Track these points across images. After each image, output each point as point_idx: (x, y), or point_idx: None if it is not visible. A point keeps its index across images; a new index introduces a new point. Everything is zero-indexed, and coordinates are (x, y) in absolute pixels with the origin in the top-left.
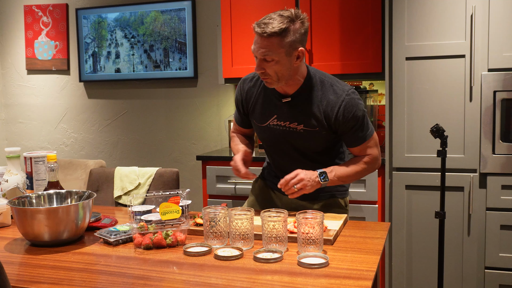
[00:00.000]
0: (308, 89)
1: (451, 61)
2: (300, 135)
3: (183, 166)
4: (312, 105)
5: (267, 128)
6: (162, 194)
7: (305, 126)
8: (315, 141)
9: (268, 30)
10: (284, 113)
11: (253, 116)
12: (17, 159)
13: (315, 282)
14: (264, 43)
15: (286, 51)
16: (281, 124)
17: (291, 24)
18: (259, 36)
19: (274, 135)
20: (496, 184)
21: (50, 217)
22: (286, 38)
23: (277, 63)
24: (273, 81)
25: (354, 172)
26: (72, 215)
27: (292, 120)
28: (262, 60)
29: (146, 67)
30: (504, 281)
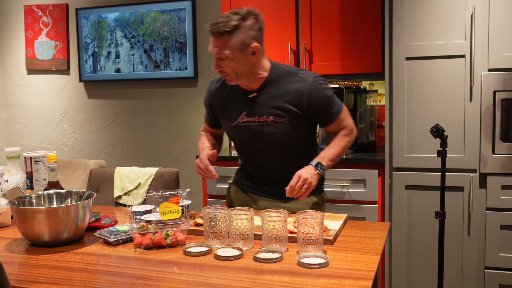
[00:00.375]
0: (273, 81)
1: (451, 61)
2: (271, 127)
3: (183, 166)
4: (279, 96)
5: (238, 126)
6: (162, 194)
7: (275, 117)
8: (286, 131)
9: (219, 29)
10: (252, 109)
11: (223, 117)
12: (17, 159)
13: (315, 282)
14: (217, 42)
15: (239, 48)
16: (251, 120)
17: (242, 22)
18: (213, 36)
19: (246, 132)
20: (496, 184)
21: (50, 217)
22: (238, 36)
23: (232, 60)
24: (233, 78)
25: (340, 149)
26: (72, 215)
27: (261, 114)
28: (218, 58)
29: (146, 67)
30: (504, 281)
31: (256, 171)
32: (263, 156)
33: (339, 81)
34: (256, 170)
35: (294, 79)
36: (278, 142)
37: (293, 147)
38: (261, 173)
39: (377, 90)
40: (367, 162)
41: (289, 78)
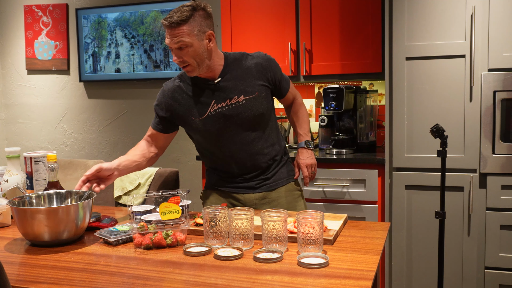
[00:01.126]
0: (232, 65)
1: (451, 61)
2: (244, 106)
3: (183, 166)
4: (243, 75)
5: (210, 117)
6: (162, 194)
7: (246, 95)
8: (259, 105)
9: (175, 19)
10: (220, 94)
11: (190, 114)
12: (17, 159)
13: (315, 282)
14: (175, 32)
15: (197, 36)
16: (222, 105)
17: (194, 12)
18: (169, 28)
19: (219, 120)
20: (496, 184)
21: (50, 217)
22: (193, 24)
23: (191, 47)
24: (194, 67)
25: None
26: (72, 215)
27: (231, 96)
28: (177, 49)
29: (146, 67)
30: (504, 281)
31: (233, 165)
32: (240, 141)
33: (339, 81)
34: (233, 163)
35: (249, 58)
36: (253, 119)
37: (266, 122)
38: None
39: (377, 90)
40: (367, 162)
41: (244, 59)
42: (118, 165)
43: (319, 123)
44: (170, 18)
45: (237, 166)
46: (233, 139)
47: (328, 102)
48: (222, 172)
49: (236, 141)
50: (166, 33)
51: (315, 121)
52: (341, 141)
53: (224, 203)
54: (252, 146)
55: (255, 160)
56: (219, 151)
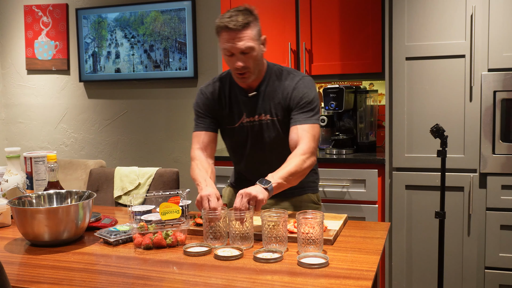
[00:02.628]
0: (269, 80)
1: (451, 61)
2: (268, 126)
3: (183, 166)
4: (274, 94)
5: (240, 127)
6: (162, 194)
7: (270, 115)
8: (281, 130)
9: (241, 22)
10: (252, 108)
11: (224, 120)
12: (17, 159)
13: (315, 282)
14: (240, 36)
15: (258, 39)
16: (251, 120)
17: (250, 16)
18: (233, 31)
19: (248, 132)
20: (496, 184)
21: (50, 217)
22: (254, 27)
23: (255, 53)
24: (251, 73)
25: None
26: (72, 215)
27: (260, 113)
28: (241, 54)
29: (146, 67)
30: (504, 281)
31: (253, 173)
32: (261, 156)
33: (339, 81)
34: (253, 172)
35: (286, 78)
36: (275, 141)
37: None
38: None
39: (377, 90)
40: (367, 162)
41: (282, 77)
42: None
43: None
44: (232, 21)
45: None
46: (256, 153)
47: (328, 102)
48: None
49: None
50: (225, 37)
51: None
52: (341, 141)
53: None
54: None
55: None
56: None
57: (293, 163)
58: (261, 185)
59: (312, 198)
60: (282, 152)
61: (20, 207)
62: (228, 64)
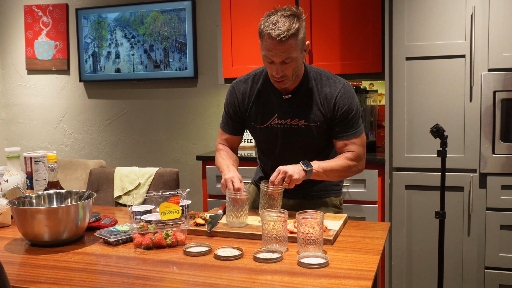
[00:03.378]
0: (307, 84)
1: (451, 61)
2: (301, 131)
3: (183, 166)
4: (312, 99)
5: (268, 128)
6: (162, 194)
7: (306, 121)
8: (316, 136)
9: (286, 33)
10: (285, 111)
11: (251, 119)
12: (17, 159)
13: (315, 282)
14: (284, 47)
15: (301, 48)
16: (282, 123)
17: (298, 21)
18: (276, 41)
19: (275, 135)
20: (496, 184)
21: (50, 217)
22: (299, 36)
23: (295, 61)
24: (289, 80)
25: (338, 166)
26: (72, 215)
27: (293, 117)
28: (281, 63)
29: (146, 67)
30: (504, 281)
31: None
32: (288, 160)
33: None
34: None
35: (325, 84)
36: (307, 146)
37: (320, 151)
38: None
39: (377, 90)
40: (367, 162)
41: (320, 82)
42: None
43: None
44: (279, 30)
45: None
46: (283, 156)
47: None
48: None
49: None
50: (265, 43)
51: None
52: None
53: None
54: None
55: None
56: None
57: (339, 162)
58: (302, 166)
59: (334, 202)
60: (312, 157)
61: (20, 207)
62: (266, 68)
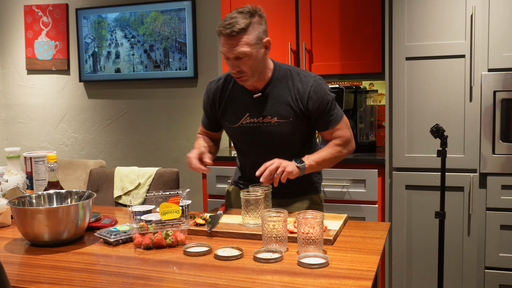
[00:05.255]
0: (277, 81)
1: (451, 61)
2: (275, 128)
3: (183, 166)
4: (283, 96)
5: (240, 127)
6: (162, 194)
7: (279, 118)
8: (290, 131)
9: (235, 28)
10: (256, 109)
11: (224, 118)
12: (17, 159)
13: (315, 282)
14: (234, 42)
15: (255, 44)
16: (254, 121)
17: (252, 18)
18: (228, 37)
19: (249, 133)
20: (496, 184)
21: (50, 217)
22: (252, 31)
23: (250, 57)
24: (248, 77)
25: (329, 155)
26: (72, 215)
27: (265, 115)
28: (235, 58)
29: (146, 67)
30: (504, 281)
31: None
32: (264, 157)
33: (339, 81)
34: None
35: (297, 78)
36: (281, 143)
37: (294, 147)
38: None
39: (377, 90)
40: (367, 162)
41: (291, 79)
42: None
43: None
44: (229, 26)
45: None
46: (258, 153)
47: None
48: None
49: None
50: (222, 41)
51: None
52: None
53: (224, 204)
54: None
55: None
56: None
57: (330, 150)
58: (295, 163)
59: (315, 200)
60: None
61: (20, 207)
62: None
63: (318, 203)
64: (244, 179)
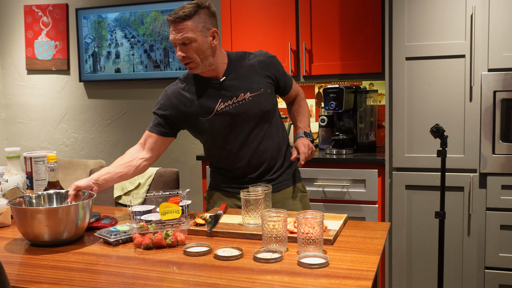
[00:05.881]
0: (235, 62)
1: (451, 61)
2: (250, 103)
3: (183, 166)
4: (247, 72)
5: (216, 116)
6: (162, 194)
7: (251, 92)
8: (265, 101)
9: (180, 14)
10: (226, 93)
11: (197, 115)
12: (17, 159)
13: (315, 282)
14: (180, 27)
15: (201, 32)
16: (229, 103)
17: (199, 9)
18: (174, 23)
19: (226, 118)
20: (496, 184)
21: (50, 217)
22: (198, 19)
23: (196, 43)
24: (197, 64)
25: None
26: (72, 215)
27: (237, 94)
28: (182, 45)
29: (146, 67)
30: (504, 281)
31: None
32: (246, 138)
33: (339, 81)
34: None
35: (251, 56)
36: (260, 116)
37: (272, 119)
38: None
39: (377, 90)
40: (367, 162)
41: (247, 57)
42: (96, 179)
43: (319, 123)
44: (174, 14)
45: (243, 164)
46: (239, 136)
47: (328, 102)
48: (227, 172)
49: (242, 138)
50: (170, 29)
51: (315, 121)
52: (341, 141)
53: (224, 203)
54: (257, 143)
55: (261, 157)
56: (225, 150)
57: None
58: (308, 139)
59: (299, 187)
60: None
61: (20, 207)
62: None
63: (303, 191)
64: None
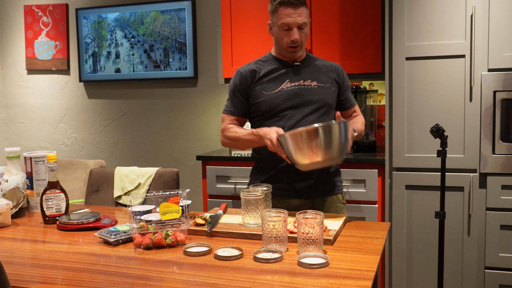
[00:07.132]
0: (311, 58)
1: (451, 61)
2: (314, 90)
3: (183, 166)
4: (319, 67)
5: (280, 92)
6: (162, 194)
7: (318, 82)
8: (328, 95)
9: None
10: (296, 75)
11: (261, 89)
12: (17, 159)
13: (315, 282)
14: (299, 11)
15: (308, 19)
16: (295, 84)
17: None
18: (294, 7)
19: (289, 96)
20: (496, 184)
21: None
22: (307, 8)
23: (307, 29)
24: (301, 48)
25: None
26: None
27: (305, 79)
28: (298, 28)
29: (146, 67)
30: (504, 281)
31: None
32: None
33: None
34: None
35: (326, 61)
36: (320, 105)
37: (330, 114)
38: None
39: (377, 90)
40: (367, 162)
41: (321, 59)
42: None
43: None
44: None
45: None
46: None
47: None
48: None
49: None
50: (286, 12)
51: None
52: None
53: (224, 203)
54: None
55: None
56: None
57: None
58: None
59: (340, 198)
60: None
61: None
62: (281, 40)
63: (343, 202)
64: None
